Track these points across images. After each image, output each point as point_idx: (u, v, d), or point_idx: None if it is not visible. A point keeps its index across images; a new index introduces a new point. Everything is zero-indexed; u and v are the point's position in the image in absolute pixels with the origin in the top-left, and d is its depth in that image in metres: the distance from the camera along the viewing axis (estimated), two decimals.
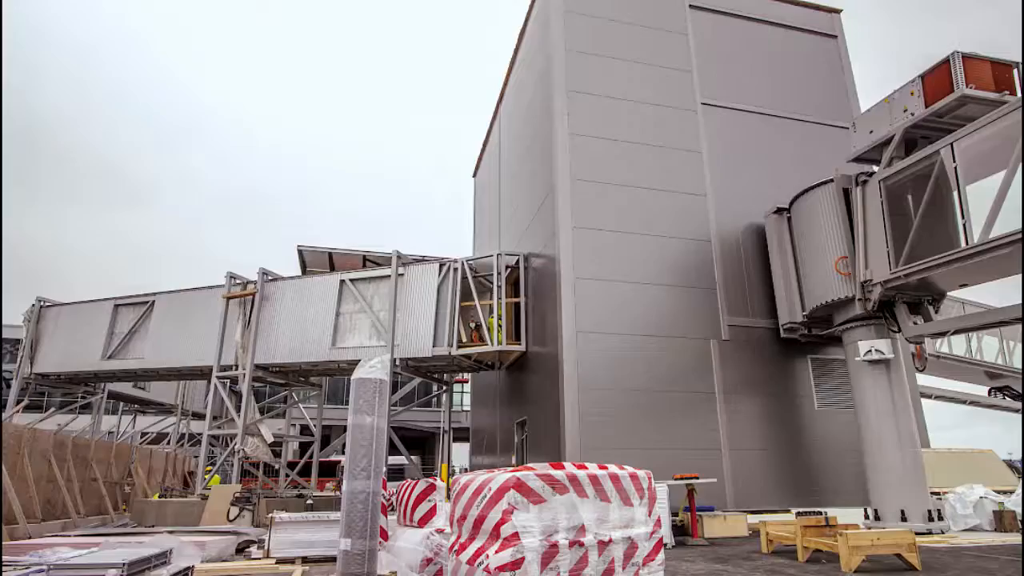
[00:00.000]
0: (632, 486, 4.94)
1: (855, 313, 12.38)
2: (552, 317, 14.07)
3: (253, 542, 10.20)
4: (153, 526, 13.54)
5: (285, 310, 17.91)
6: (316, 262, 20.31)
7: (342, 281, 17.63)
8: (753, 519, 11.51)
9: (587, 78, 15.58)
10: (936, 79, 11.43)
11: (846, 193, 13.00)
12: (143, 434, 29.85)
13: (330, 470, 26.50)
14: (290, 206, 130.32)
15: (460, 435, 32.21)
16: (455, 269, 16.93)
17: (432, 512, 6.73)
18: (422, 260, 17.63)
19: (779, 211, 14.77)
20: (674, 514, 11.01)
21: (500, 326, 16.34)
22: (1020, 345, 19.62)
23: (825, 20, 18.90)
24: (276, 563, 8.46)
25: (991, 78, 11.09)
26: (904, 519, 11.16)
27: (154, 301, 20.00)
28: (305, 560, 8.64)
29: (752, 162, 16.17)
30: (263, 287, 18.13)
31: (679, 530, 10.88)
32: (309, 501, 14.06)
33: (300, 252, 19.97)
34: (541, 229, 15.90)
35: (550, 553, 4.28)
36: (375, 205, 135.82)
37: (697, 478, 11.08)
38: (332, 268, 20.08)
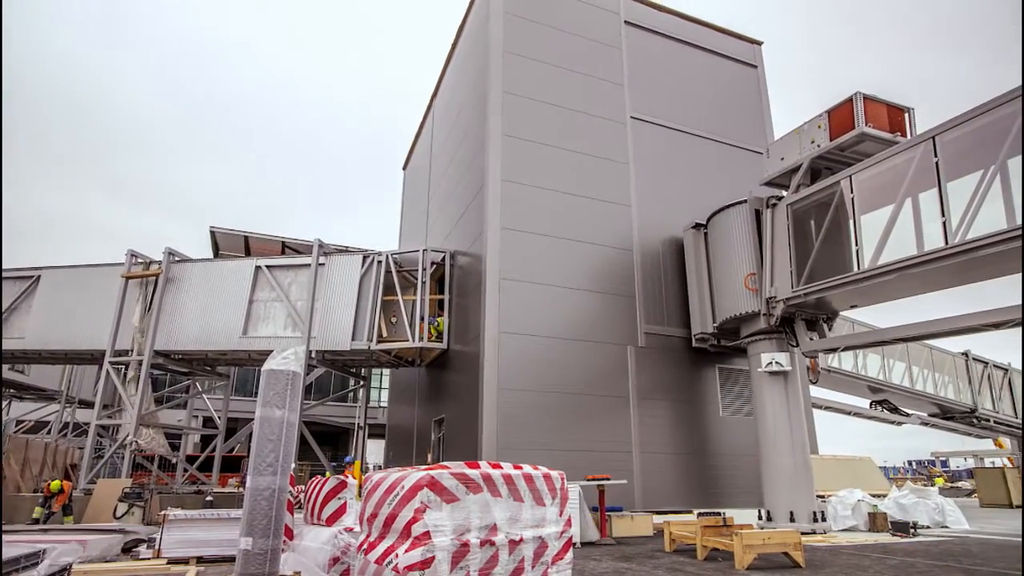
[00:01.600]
0: (545, 486, 5.02)
1: (759, 327, 13.21)
2: (475, 316, 14.07)
3: (143, 541, 9.50)
4: (27, 523, 12.32)
5: (193, 294, 16.85)
6: (230, 245, 19.27)
7: (258, 267, 16.81)
8: (658, 519, 12.02)
9: (523, 81, 15.71)
10: (840, 115, 12.43)
11: (758, 214, 13.84)
12: (19, 422, 27.17)
13: (234, 465, 25.19)
14: (207, 186, 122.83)
15: (376, 431, 31.55)
16: (379, 262, 16.57)
17: (342, 510, 6.55)
18: (345, 251, 17.13)
19: (697, 226, 15.52)
20: None
21: (443, 327, 16.20)
22: (900, 364, 21.64)
23: (747, 50, 20.06)
24: (167, 563, 7.92)
25: (887, 119, 12.19)
26: (792, 520, 12.03)
27: (40, 276, 18.22)
28: (200, 560, 8.15)
29: (675, 178, 16.89)
30: (168, 268, 16.96)
31: None
32: (209, 497, 13.30)
33: (213, 234, 18.88)
34: (469, 227, 15.87)
35: (461, 552, 4.27)
36: (296, 190, 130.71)
37: (608, 479, 11.41)
38: (248, 253, 19.12)
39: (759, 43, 20.35)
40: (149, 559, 8.21)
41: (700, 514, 13.00)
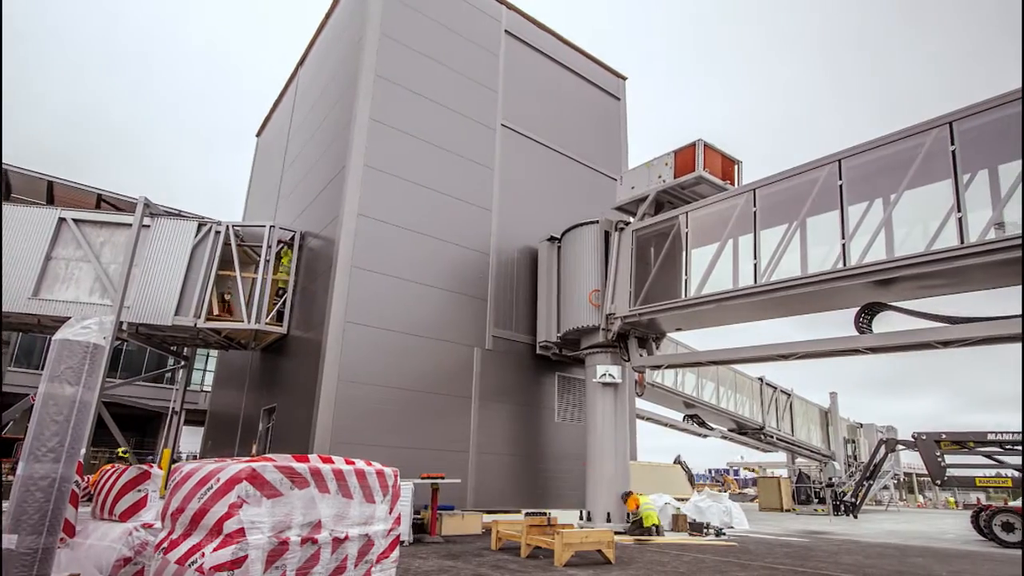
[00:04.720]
0: (377, 483, 4.87)
1: (598, 340, 14.15)
2: (321, 303, 13.36)
3: None
4: None
5: None
6: (28, 190, 16.31)
7: (62, 219, 14.43)
8: (488, 518, 12.29)
9: (397, 68, 15.30)
10: (684, 157, 13.81)
11: (607, 235, 14.85)
12: None
13: (7, 448, 21.27)
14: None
15: (195, 418, 28.61)
16: (218, 232, 15.08)
17: (141, 503, 5.80)
18: (177, 215, 15.36)
19: (552, 239, 16.24)
20: (416, 512, 11.19)
21: (275, 305, 15.03)
22: (711, 384, 24.46)
23: (613, 82, 21.49)
24: None
25: (720, 168, 13.78)
26: (609, 520, 13.00)
27: None
28: None
29: (536, 190, 17.52)
30: None
31: (419, 527, 11.09)
32: None
33: (4, 172, 15.83)
34: (324, 209, 15.05)
35: (278, 551, 3.99)
36: (125, 140, 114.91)
37: (443, 478, 11.43)
38: (51, 202, 16.35)
39: (624, 78, 21.90)
40: None
41: (527, 514, 13.53)
